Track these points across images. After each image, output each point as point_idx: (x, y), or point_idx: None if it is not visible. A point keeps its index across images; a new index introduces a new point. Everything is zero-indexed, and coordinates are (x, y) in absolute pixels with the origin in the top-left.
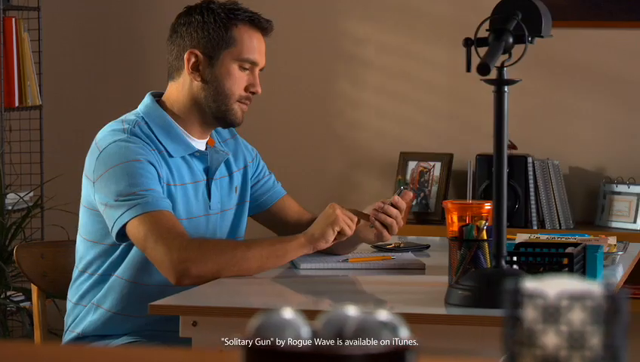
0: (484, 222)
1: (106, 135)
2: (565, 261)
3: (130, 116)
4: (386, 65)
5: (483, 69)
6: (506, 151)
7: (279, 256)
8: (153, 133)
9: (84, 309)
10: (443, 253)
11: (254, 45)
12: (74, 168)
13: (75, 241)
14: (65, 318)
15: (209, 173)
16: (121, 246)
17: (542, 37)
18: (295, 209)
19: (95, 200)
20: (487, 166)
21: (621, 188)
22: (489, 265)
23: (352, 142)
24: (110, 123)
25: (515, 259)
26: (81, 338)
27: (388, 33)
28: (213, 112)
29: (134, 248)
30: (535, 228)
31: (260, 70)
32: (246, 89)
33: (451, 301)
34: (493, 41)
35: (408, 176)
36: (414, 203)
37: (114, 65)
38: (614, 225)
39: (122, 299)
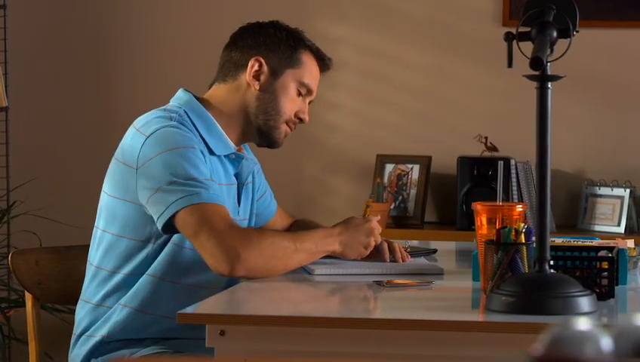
0: (522, 224)
1: (150, 121)
2: (605, 265)
3: (171, 106)
4: (361, 66)
5: (536, 63)
6: (549, 152)
7: (314, 254)
8: (195, 126)
9: (109, 310)
10: (445, 257)
11: (315, 74)
12: (44, 172)
13: (68, 246)
14: (78, 322)
15: (239, 178)
16: (157, 243)
17: (577, 31)
18: (283, 224)
19: (137, 187)
20: (469, 168)
21: (604, 190)
22: (526, 270)
23: (327, 145)
24: (150, 112)
25: (551, 263)
26: (105, 342)
27: (363, 33)
28: (260, 125)
29: (169, 245)
30: None
31: (309, 102)
32: (296, 114)
33: (493, 307)
34: (537, 34)
35: (386, 179)
36: (392, 206)
37: (82, 65)
38: (597, 228)
39: (154, 299)
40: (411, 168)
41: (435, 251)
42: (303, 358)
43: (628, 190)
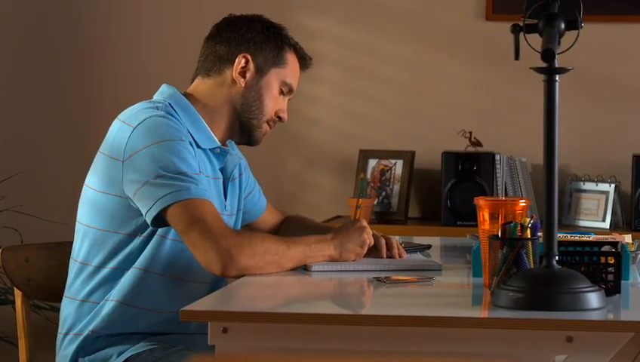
0: (528, 219)
1: (135, 113)
2: (610, 260)
3: (156, 99)
4: (342, 60)
5: (548, 55)
6: (557, 147)
7: (308, 257)
8: (180, 119)
9: (95, 306)
10: (436, 252)
11: (297, 74)
12: (27, 167)
13: (58, 242)
14: (63, 320)
15: (224, 172)
16: (143, 236)
17: (582, 25)
18: (274, 221)
19: (123, 181)
20: (453, 163)
21: (588, 185)
22: (532, 265)
23: (307, 140)
24: (135, 105)
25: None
26: (92, 338)
27: (344, 27)
28: (243, 122)
29: (155, 237)
30: None
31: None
32: (276, 113)
33: (500, 303)
34: (545, 27)
35: (369, 175)
36: (376, 202)
37: (64, 60)
38: (582, 223)
39: (141, 291)
40: (394, 163)
41: (429, 247)
42: (306, 355)
43: (613, 185)
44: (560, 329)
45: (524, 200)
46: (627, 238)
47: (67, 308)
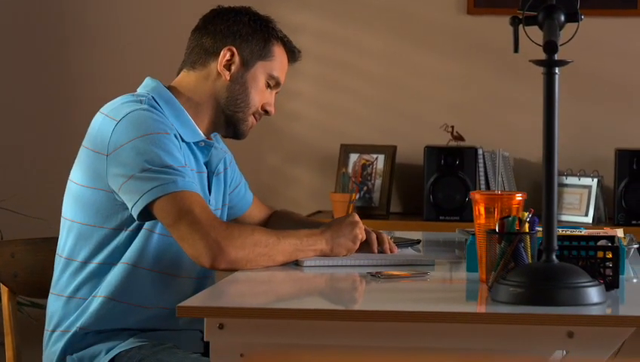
0: (527, 214)
1: (118, 106)
2: (609, 255)
3: (139, 92)
4: (323, 54)
5: (550, 47)
6: (557, 139)
7: (299, 251)
8: (164, 113)
9: (83, 302)
10: (424, 247)
11: (284, 67)
12: (4, 163)
13: (44, 238)
14: (49, 317)
15: (209, 166)
16: (129, 230)
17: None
18: (261, 215)
19: (108, 175)
20: (436, 158)
21: (571, 180)
22: (530, 260)
23: (288, 135)
24: (117, 98)
25: None
26: (80, 334)
27: (325, 21)
28: (228, 116)
29: (142, 231)
30: None
31: (275, 94)
32: (262, 106)
33: (500, 298)
34: (545, 19)
35: (350, 169)
36: (357, 197)
37: (42, 53)
38: (564, 218)
39: (129, 287)
40: (376, 158)
41: (418, 242)
42: (303, 351)
43: (595, 179)
44: (561, 324)
45: (520, 195)
46: (619, 233)
47: (54, 305)
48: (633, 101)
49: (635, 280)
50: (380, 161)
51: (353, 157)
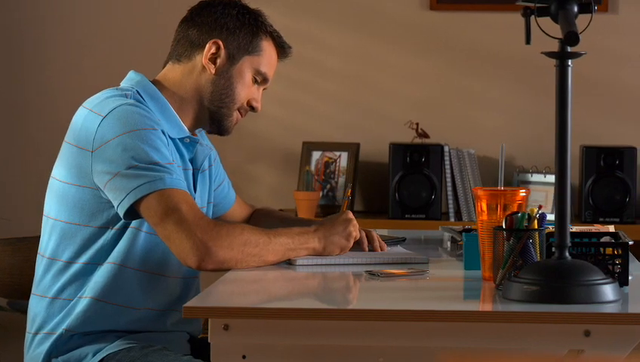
0: (536, 210)
1: (103, 100)
2: (618, 251)
3: (123, 86)
4: None
5: (572, 38)
6: (569, 134)
7: (292, 250)
8: (148, 107)
9: (68, 303)
10: (407, 245)
11: (273, 62)
12: None
13: (20, 238)
14: (32, 319)
15: (194, 163)
16: (115, 228)
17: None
18: (243, 214)
19: (93, 171)
20: (401, 155)
21: (536, 177)
22: (538, 257)
23: (249, 132)
24: (101, 92)
25: None
26: (66, 337)
27: (285, 17)
28: (212, 111)
29: (129, 230)
30: (452, 220)
31: (263, 89)
32: (248, 102)
33: (512, 296)
34: (559, 9)
35: (313, 167)
36: (321, 195)
37: (17, 46)
38: None
39: (116, 287)
40: (339, 156)
41: (404, 239)
42: (307, 352)
43: None
44: (577, 322)
45: (523, 190)
46: (610, 229)
47: (36, 306)
48: (599, 97)
49: (630, 277)
50: (343, 158)
51: (316, 154)
